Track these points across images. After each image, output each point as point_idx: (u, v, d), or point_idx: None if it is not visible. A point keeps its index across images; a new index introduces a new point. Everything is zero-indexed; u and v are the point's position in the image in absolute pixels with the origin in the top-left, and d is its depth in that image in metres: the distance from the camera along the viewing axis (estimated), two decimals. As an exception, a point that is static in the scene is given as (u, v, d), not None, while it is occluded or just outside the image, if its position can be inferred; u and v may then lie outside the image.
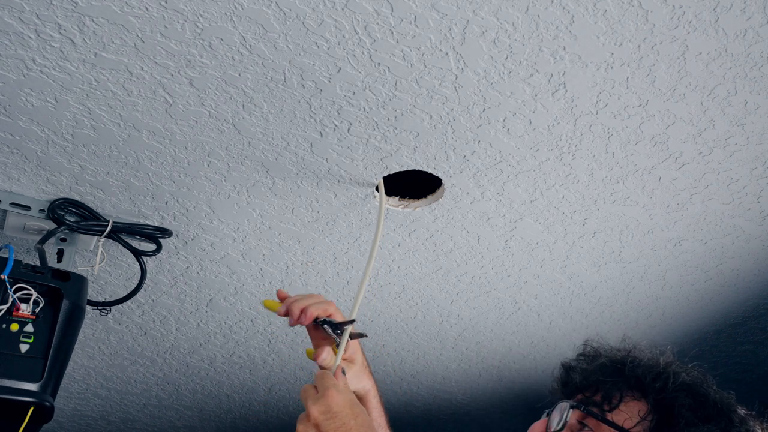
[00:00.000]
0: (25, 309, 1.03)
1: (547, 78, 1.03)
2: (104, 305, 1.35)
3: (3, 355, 1.00)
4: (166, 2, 0.89)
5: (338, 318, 1.00)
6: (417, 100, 1.06)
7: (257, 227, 1.36)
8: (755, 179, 1.27)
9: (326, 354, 0.96)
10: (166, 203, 1.28)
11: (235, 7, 0.90)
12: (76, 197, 1.25)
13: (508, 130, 1.13)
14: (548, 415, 0.96)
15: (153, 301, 1.57)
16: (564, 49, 0.98)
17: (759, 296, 1.68)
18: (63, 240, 1.26)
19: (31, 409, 0.97)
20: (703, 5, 0.92)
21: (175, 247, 1.40)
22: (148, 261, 1.38)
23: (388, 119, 1.10)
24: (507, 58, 0.99)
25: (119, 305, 1.47)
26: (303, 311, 0.99)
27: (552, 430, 0.92)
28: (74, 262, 1.26)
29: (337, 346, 0.96)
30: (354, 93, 1.05)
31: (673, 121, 1.13)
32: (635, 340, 1.06)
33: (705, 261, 1.54)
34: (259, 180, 1.23)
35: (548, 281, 1.60)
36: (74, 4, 0.89)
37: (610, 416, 0.90)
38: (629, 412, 0.91)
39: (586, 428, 0.91)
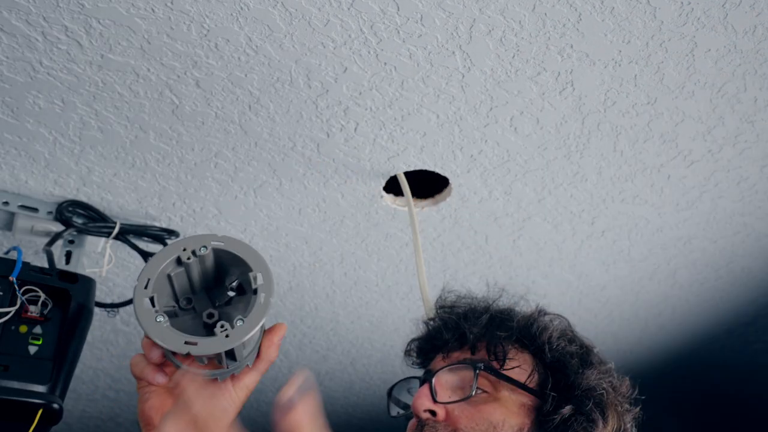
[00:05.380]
0: (33, 311, 1.03)
1: (555, 76, 1.02)
2: (112, 307, 1.35)
3: (12, 356, 1.00)
4: (172, 3, 0.89)
5: None
6: (424, 100, 1.06)
7: (264, 228, 1.36)
8: (765, 176, 1.26)
9: None
10: (173, 204, 1.28)
11: (241, 8, 0.90)
12: (84, 199, 1.25)
13: (515, 129, 1.12)
14: (427, 382, 0.83)
15: (161, 302, 1.58)
16: (571, 47, 0.97)
17: (770, 295, 1.66)
18: (71, 242, 1.26)
19: (40, 411, 0.97)
20: (711, 1, 0.91)
21: (183, 249, 1.40)
22: (156, 262, 1.38)
23: (395, 119, 1.09)
24: (514, 56, 0.98)
25: (127, 307, 1.48)
26: None
27: (455, 399, 0.81)
28: (82, 264, 1.26)
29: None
30: (360, 93, 1.04)
31: (682, 119, 1.12)
32: (500, 285, 0.97)
33: (715, 259, 1.53)
34: (266, 181, 1.23)
35: (557, 281, 1.59)
36: (81, 6, 0.89)
37: (504, 372, 0.82)
38: (519, 365, 0.83)
39: (479, 391, 0.81)
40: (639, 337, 1.87)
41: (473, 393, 0.80)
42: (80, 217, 1.25)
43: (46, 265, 1.17)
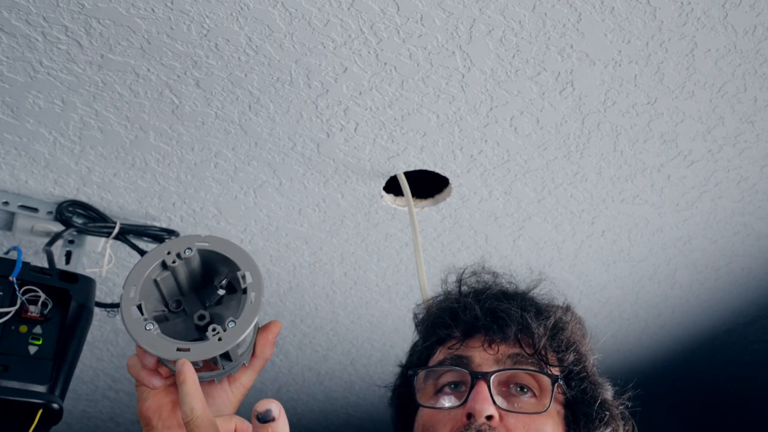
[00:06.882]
0: (33, 311, 1.03)
1: (555, 76, 1.02)
2: (112, 307, 1.35)
3: (12, 356, 1.00)
4: (172, 3, 0.89)
5: None
6: (424, 100, 1.06)
7: (264, 228, 1.36)
8: (765, 176, 1.26)
9: None
10: (173, 204, 1.28)
11: (241, 8, 0.90)
12: (84, 199, 1.25)
13: (515, 129, 1.12)
14: (483, 381, 0.76)
15: (161, 302, 1.57)
16: (571, 47, 0.97)
17: (770, 295, 1.66)
18: (71, 242, 1.26)
19: (40, 411, 0.97)
20: (711, 2, 0.91)
21: (183, 249, 1.40)
22: (156, 262, 1.38)
23: (395, 119, 1.09)
24: (514, 56, 0.98)
25: (127, 307, 1.47)
26: None
27: (526, 411, 0.77)
28: (82, 264, 1.26)
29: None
30: (360, 93, 1.04)
31: (682, 119, 1.12)
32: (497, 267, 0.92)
33: (715, 259, 1.53)
34: (266, 180, 1.23)
35: (557, 281, 1.59)
36: (81, 6, 0.89)
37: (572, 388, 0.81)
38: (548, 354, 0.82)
39: (527, 390, 0.78)
40: (639, 337, 1.87)
41: (549, 407, 0.77)
42: (80, 217, 1.25)
43: (46, 265, 1.17)
